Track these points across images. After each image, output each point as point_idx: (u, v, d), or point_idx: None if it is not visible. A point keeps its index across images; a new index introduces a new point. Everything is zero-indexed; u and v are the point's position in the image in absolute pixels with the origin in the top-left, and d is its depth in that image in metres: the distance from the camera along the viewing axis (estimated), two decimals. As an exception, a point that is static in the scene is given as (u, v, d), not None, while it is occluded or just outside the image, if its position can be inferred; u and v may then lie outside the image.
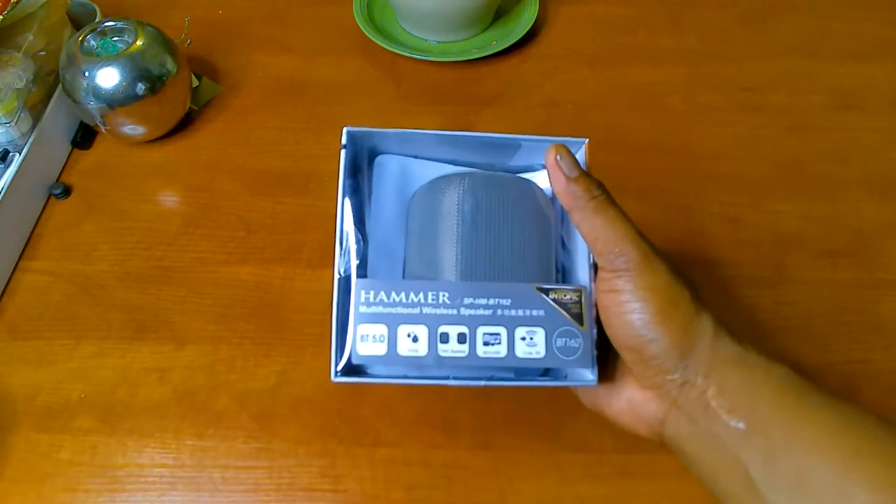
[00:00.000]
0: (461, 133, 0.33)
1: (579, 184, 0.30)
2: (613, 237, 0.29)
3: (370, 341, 0.29)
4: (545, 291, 0.30)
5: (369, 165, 0.35)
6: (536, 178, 0.35)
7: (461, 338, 0.29)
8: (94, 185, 0.55)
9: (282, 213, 0.53)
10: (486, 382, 0.30)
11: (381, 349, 0.29)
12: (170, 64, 0.54)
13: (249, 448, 0.41)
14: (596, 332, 0.30)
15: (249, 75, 0.63)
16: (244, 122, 0.59)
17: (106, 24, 0.53)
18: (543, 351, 0.29)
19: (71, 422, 0.42)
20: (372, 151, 0.35)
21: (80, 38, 0.52)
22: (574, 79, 0.63)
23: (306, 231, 0.51)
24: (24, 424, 0.42)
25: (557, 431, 0.42)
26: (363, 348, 0.29)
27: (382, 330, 0.29)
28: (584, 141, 0.32)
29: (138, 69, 0.51)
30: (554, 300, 0.30)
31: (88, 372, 0.44)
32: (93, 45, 0.52)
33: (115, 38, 0.53)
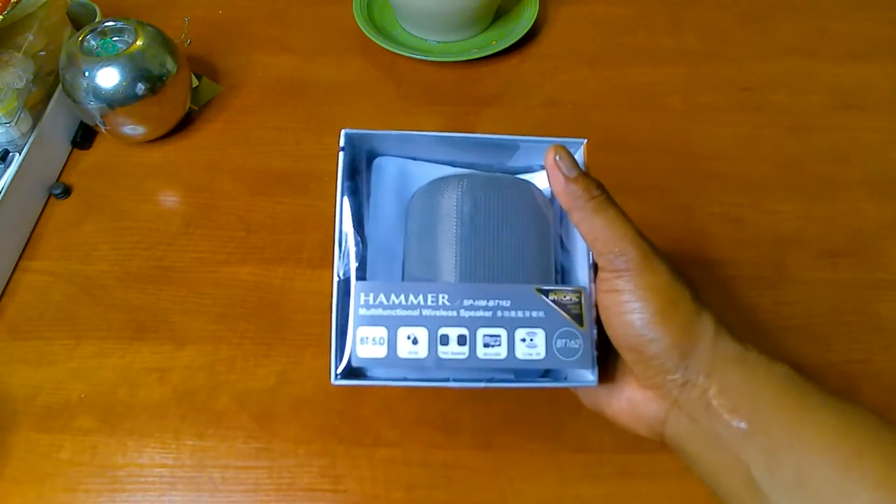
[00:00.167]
0: (459, 134, 0.33)
1: (578, 184, 0.29)
2: (613, 237, 0.28)
3: (370, 344, 0.29)
4: (545, 293, 0.30)
5: (368, 167, 0.34)
6: (535, 179, 0.35)
7: (461, 339, 0.29)
8: (94, 185, 0.55)
9: (282, 213, 0.53)
10: (486, 384, 0.30)
11: (381, 351, 0.29)
12: (170, 64, 0.54)
13: (249, 448, 0.41)
14: (596, 333, 0.30)
15: (249, 75, 0.63)
16: (244, 122, 0.59)
17: (106, 24, 0.53)
18: (544, 352, 0.29)
19: (71, 422, 0.42)
20: (370, 153, 0.35)
21: (80, 38, 0.52)
22: (574, 79, 0.63)
23: (306, 231, 0.51)
24: (24, 424, 0.42)
25: (557, 431, 0.42)
26: (363, 351, 0.29)
27: (382, 332, 0.29)
28: (583, 141, 0.32)
29: (138, 69, 0.51)
30: (554, 301, 0.30)
31: (88, 372, 0.44)
32: (93, 45, 0.52)
33: (115, 38, 0.53)
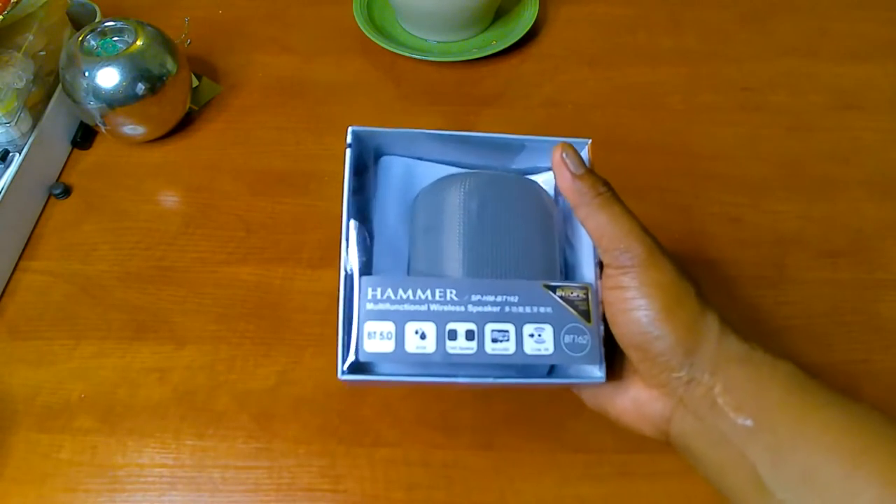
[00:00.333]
0: (466, 133, 0.33)
1: (584, 181, 0.30)
2: (618, 233, 0.28)
3: (377, 339, 0.29)
4: (552, 289, 0.30)
5: (374, 165, 0.34)
6: (539, 181, 0.35)
7: (469, 335, 0.29)
8: (94, 185, 0.55)
9: (282, 213, 0.53)
10: (495, 381, 0.30)
11: (389, 346, 0.28)
12: (170, 64, 0.54)
13: (249, 448, 0.41)
14: (603, 330, 0.30)
15: (249, 75, 0.63)
16: (244, 122, 0.59)
17: (106, 24, 0.53)
18: (552, 347, 0.29)
19: (71, 422, 0.42)
20: (377, 151, 0.35)
21: (80, 38, 0.52)
22: (574, 79, 0.63)
23: (306, 231, 0.51)
24: (24, 424, 0.42)
25: (558, 431, 0.42)
26: (370, 346, 0.28)
27: (390, 327, 0.29)
28: (587, 141, 0.33)
29: (138, 69, 0.51)
30: (561, 297, 0.30)
31: (88, 372, 0.44)
32: (93, 45, 0.52)
33: (115, 38, 0.53)
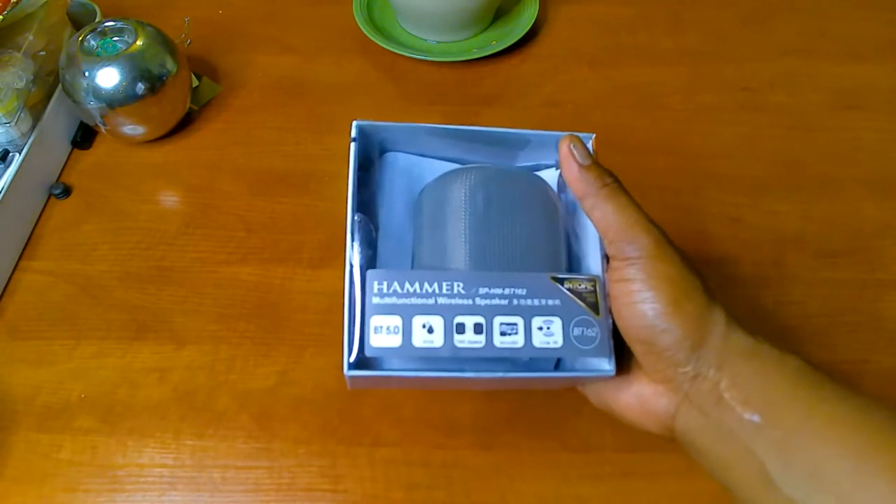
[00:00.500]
0: (470, 127, 0.33)
1: (591, 172, 0.30)
2: (625, 224, 0.28)
3: (384, 333, 0.28)
4: (560, 281, 0.29)
5: (378, 161, 0.34)
6: (543, 177, 0.35)
7: (477, 328, 0.28)
8: (94, 185, 0.55)
9: (282, 213, 0.53)
10: (504, 375, 0.29)
11: (396, 341, 0.28)
12: (170, 64, 0.54)
13: (249, 448, 0.41)
14: (611, 322, 0.30)
15: (249, 75, 0.63)
16: (244, 122, 0.59)
17: (106, 24, 0.53)
18: (561, 340, 0.28)
19: (71, 422, 0.42)
20: (381, 146, 0.34)
21: (80, 38, 0.52)
22: (574, 79, 0.63)
23: (306, 231, 0.51)
24: (24, 424, 0.42)
25: (558, 431, 0.42)
26: (377, 340, 0.28)
27: (396, 321, 0.28)
28: (591, 136, 0.33)
29: (138, 69, 0.51)
30: (569, 289, 0.29)
31: (88, 372, 0.44)
32: (93, 45, 0.52)
33: (115, 38, 0.53)
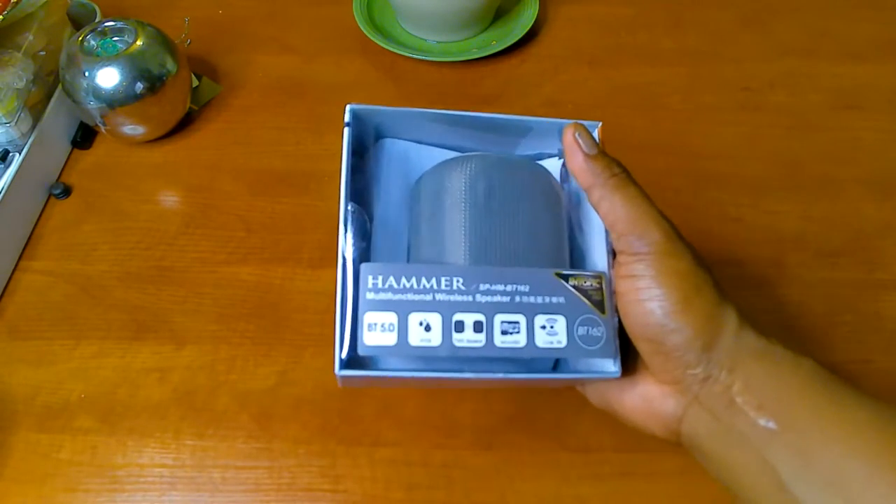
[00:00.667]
0: (469, 113, 0.31)
1: (598, 161, 0.28)
2: (634, 216, 0.27)
3: (378, 331, 0.26)
4: (565, 277, 0.28)
5: (373, 147, 0.33)
6: (546, 166, 0.33)
7: (477, 326, 0.27)
8: (94, 185, 0.55)
9: (282, 213, 0.53)
10: (504, 376, 0.28)
11: (391, 339, 0.26)
12: (170, 64, 0.54)
13: (249, 448, 0.41)
14: (618, 321, 0.28)
15: (249, 75, 0.63)
16: (244, 122, 0.59)
17: (106, 24, 0.53)
18: (565, 340, 0.27)
19: (71, 422, 0.42)
20: (377, 132, 0.33)
21: (80, 38, 0.52)
22: (574, 79, 0.63)
23: (306, 231, 0.51)
24: (24, 424, 0.42)
25: (558, 431, 0.42)
26: (370, 338, 0.26)
27: (392, 318, 0.26)
28: (597, 124, 0.31)
29: (138, 69, 0.51)
30: (574, 287, 0.28)
31: (88, 372, 0.44)
32: (93, 45, 0.52)
33: (115, 38, 0.53)
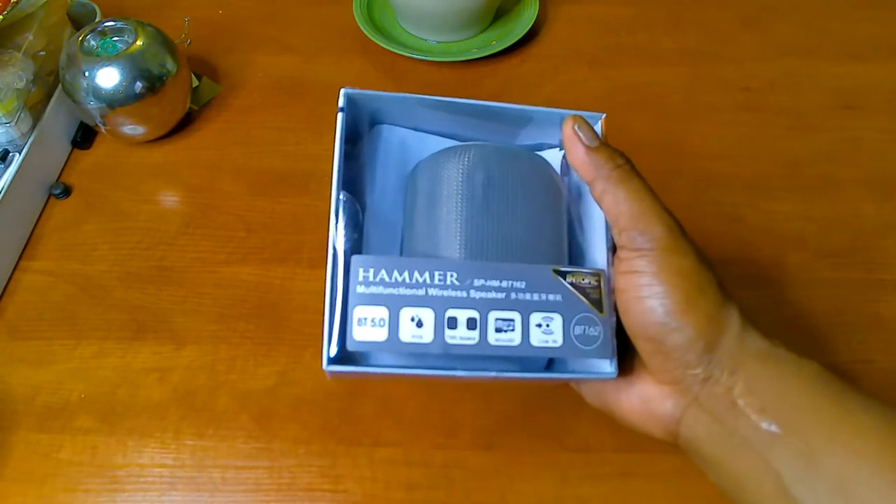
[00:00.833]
0: (468, 101, 0.30)
1: (600, 153, 0.27)
2: (637, 211, 0.26)
3: (368, 326, 0.26)
4: (562, 274, 0.27)
5: (368, 133, 0.32)
6: (546, 157, 0.33)
7: (471, 323, 0.26)
8: (94, 185, 0.55)
9: (282, 213, 0.53)
10: (498, 374, 0.27)
11: (381, 334, 0.26)
12: (170, 64, 0.54)
13: (249, 448, 0.41)
14: (615, 321, 0.28)
15: (249, 75, 0.63)
16: (244, 122, 0.59)
17: (106, 24, 0.53)
18: (560, 339, 0.26)
19: (71, 422, 0.42)
20: (372, 118, 0.32)
21: (80, 38, 0.52)
22: (574, 79, 0.63)
23: (306, 231, 0.51)
24: (24, 424, 0.42)
25: (558, 431, 0.42)
26: (360, 333, 0.25)
27: (383, 313, 0.26)
28: (601, 116, 0.30)
29: (138, 69, 0.51)
30: (572, 284, 0.27)
31: (88, 372, 0.44)
32: (93, 45, 0.52)
33: (115, 38, 0.53)
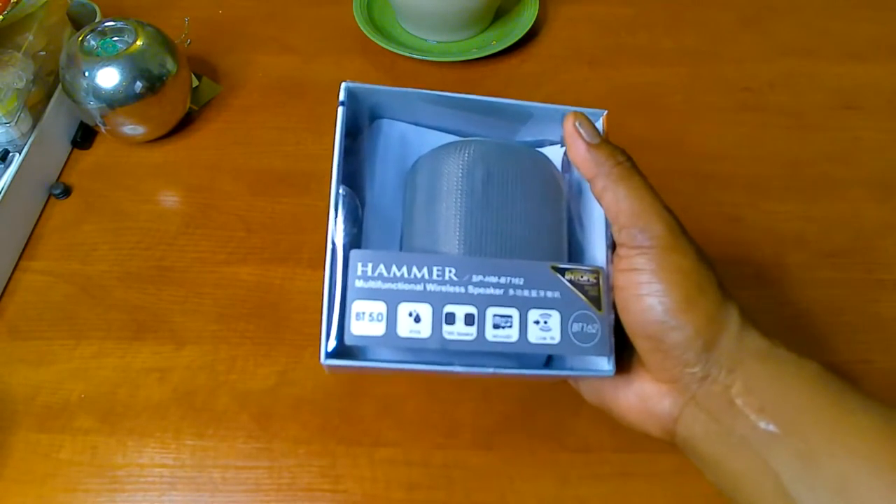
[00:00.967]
0: (469, 96, 0.30)
1: (601, 150, 0.27)
2: (637, 208, 0.26)
3: (366, 320, 0.26)
4: (561, 271, 0.27)
5: (368, 128, 0.32)
6: (547, 154, 0.33)
7: (469, 319, 0.26)
8: (94, 185, 0.55)
9: (282, 213, 0.53)
10: (495, 370, 0.27)
11: (379, 329, 0.26)
12: (170, 64, 0.54)
13: (249, 448, 0.41)
14: (613, 318, 0.28)
15: (249, 75, 0.63)
16: (244, 122, 0.59)
17: (106, 24, 0.53)
18: (558, 336, 0.26)
19: (71, 422, 0.42)
20: (372, 112, 0.32)
21: (80, 38, 0.52)
22: (574, 79, 0.63)
23: (306, 231, 0.51)
24: (24, 424, 0.42)
25: (557, 431, 0.42)
26: (358, 328, 0.26)
27: (380, 308, 0.26)
28: (603, 112, 0.30)
29: (138, 69, 0.51)
30: (570, 281, 0.27)
31: (88, 372, 0.44)
32: (93, 45, 0.52)
33: (115, 38, 0.53)
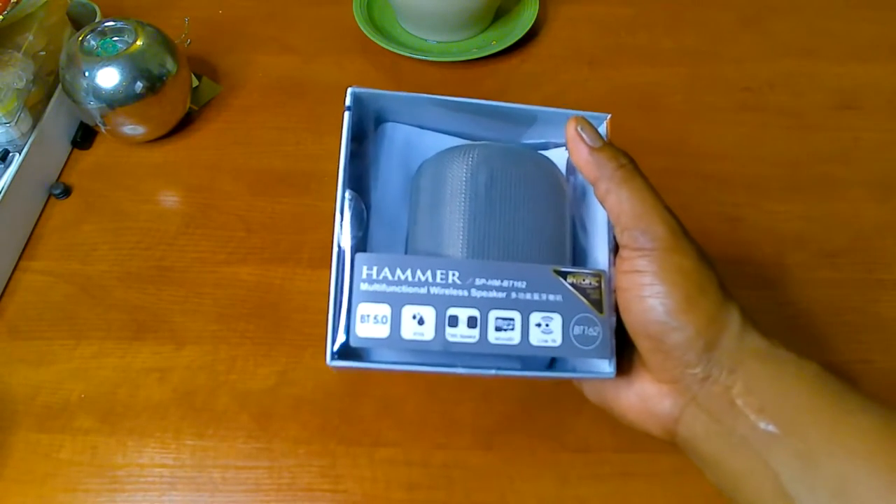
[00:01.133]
0: (474, 100, 0.31)
1: (604, 153, 0.28)
2: (639, 210, 0.26)
3: (371, 322, 0.26)
4: (563, 275, 0.28)
5: (374, 132, 0.33)
6: (550, 157, 0.33)
7: (471, 322, 0.26)
8: (94, 185, 0.55)
9: (282, 213, 0.53)
10: (497, 372, 0.27)
11: (384, 331, 0.26)
12: (170, 64, 0.54)
13: (249, 448, 0.41)
14: (615, 321, 0.28)
15: (249, 75, 0.63)
16: (244, 122, 0.59)
17: (106, 24, 0.53)
18: (560, 339, 0.27)
19: (71, 422, 0.42)
20: (378, 116, 0.33)
21: (80, 38, 0.52)
22: (574, 79, 0.63)
23: (306, 231, 0.51)
24: (24, 424, 0.42)
25: (558, 431, 0.42)
26: (363, 330, 0.26)
27: (385, 310, 0.26)
28: (606, 116, 0.31)
29: (138, 69, 0.51)
30: (572, 284, 0.27)
31: (88, 372, 0.44)
32: (93, 45, 0.52)
33: (115, 38, 0.53)
